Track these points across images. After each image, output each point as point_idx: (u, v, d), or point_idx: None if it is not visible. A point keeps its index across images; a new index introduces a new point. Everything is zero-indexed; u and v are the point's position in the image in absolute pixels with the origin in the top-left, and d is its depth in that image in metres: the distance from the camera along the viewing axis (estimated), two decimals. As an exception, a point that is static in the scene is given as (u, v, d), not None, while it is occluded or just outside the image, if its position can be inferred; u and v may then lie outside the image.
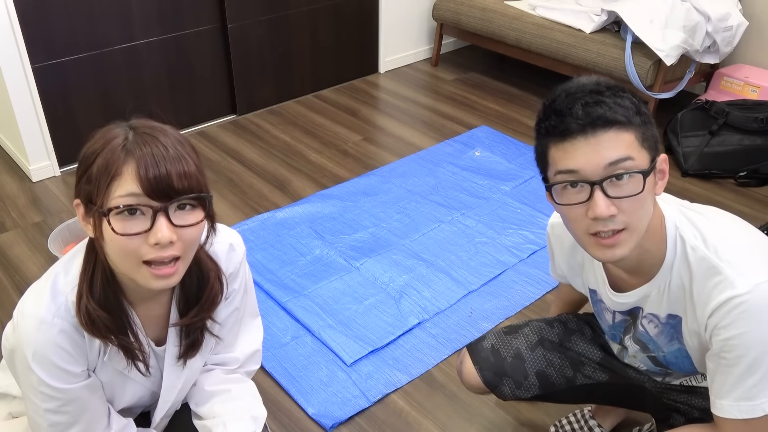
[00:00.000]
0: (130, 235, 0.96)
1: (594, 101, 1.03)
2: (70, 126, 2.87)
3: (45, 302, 1.03)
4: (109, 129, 1.00)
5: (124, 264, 0.99)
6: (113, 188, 0.95)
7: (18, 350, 1.04)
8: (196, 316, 1.15)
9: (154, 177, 0.95)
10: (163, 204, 0.96)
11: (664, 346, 1.27)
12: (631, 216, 1.05)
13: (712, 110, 2.86)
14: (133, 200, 0.95)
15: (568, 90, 1.06)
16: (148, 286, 1.00)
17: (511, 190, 2.76)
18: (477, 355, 1.51)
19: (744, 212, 2.63)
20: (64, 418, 1.09)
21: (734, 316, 1.05)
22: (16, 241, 2.49)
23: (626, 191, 1.03)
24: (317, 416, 1.80)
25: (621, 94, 1.05)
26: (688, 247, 1.12)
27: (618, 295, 1.25)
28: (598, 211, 1.02)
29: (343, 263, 2.35)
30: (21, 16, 2.58)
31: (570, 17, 3.26)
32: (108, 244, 0.98)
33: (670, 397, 1.41)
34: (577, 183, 1.05)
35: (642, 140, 1.04)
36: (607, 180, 1.02)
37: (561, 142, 1.05)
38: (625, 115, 1.03)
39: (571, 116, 1.03)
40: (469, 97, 3.60)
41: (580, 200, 1.05)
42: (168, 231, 0.96)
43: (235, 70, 3.27)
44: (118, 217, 0.96)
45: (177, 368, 1.20)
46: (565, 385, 1.48)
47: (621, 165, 1.02)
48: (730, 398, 1.09)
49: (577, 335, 1.51)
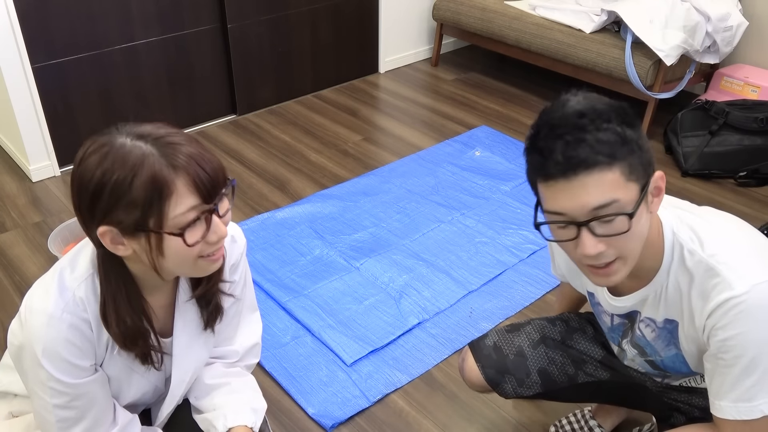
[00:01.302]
0: (197, 243, 1.00)
1: (575, 139, 0.99)
2: (70, 126, 2.87)
3: (53, 298, 1.04)
4: (112, 146, 0.95)
5: (179, 266, 1.03)
6: (170, 207, 0.96)
7: (27, 346, 1.04)
8: (209, 281, 1.17)
9: (206, 181, 0.98)
10: (215, 204, 1.01)
11: (661, 351, 1.27)
12: (622, 249, 1.05)
13: (712, 110, 2.86)
14: (197, 212, 0.98)
15: (552, 122, 1.02)
16: (203, 274, 1.08)
17: (511, 190, 2.76)
18: (479, 352, 1.51)
19: (744, 212, 2.63)
20: (73, 413, 1.10)
21: (732, 316, 1.05)
22: (16, 241, 2.49)
23: (613, 230, 1.03)
24: (317, 416, 1.80)
25: (605, 125, 0.99)
26: (686, 251, 1.12)
27: (615, 299, 1.26)
28: (585, 251, 1.04)
29: (343, 263, 2.35)
30: (21, 16, 2.58)
31: (570, 17, 3.26)
32: (169, 258, 1.01)
33: (670, 396, 1.42)
34: (565, 225, 1.05)
35: (629, 173, 1.01)
36: (593, 221, 1.02)
37: (545, 182, 1.04)
38: (608, 152, 0.98)
39: (552, 159, 1.00)
40: (469, 97, 3.60)
41: (569, 237, 1.06)
42: (223, 228, 1.02)
43: (235, 70, 3.27)
44: (189, 230, 0.98)
45: (187, 353, 1.21)
46: (567, 383, 1.49)
47: (606, 209, 1.01)
48: (728, 399, 1.09)
49: (579, 333, 1.52)
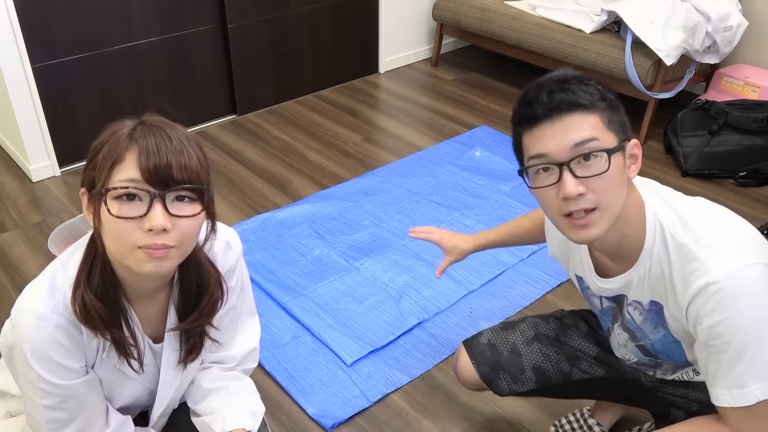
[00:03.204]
0: (126, 218, 0.97)
1: (560, 89, 1.09)
2: (70, 126, 2.88)
3: (43, 298, 1.04)
4: (120, 121, 1.03)
5: (118, 249, 0.99)
6: (114, 173, 0.97)
7: (17, 347, 1.04)
8: (195, 321, 1.15)
9: (154, 165, 0.97)
10: (160, 191, 0.97)
11: (650, 334, 1.28)
12: (601, 195, 1.08)
13: (712, 110, 2.86)
14: (131, 185, 0.97)
15: (538, 82, 1.12)
16: (140, 271, 1.00)
17: (511, 190, 2.76)
18: (474, 350, 1.53)
19: (744, 212, 2.63)
20: (63, 415, 1.09)
21: (714, 303, 1.06)
22: (16, 241, 2.49)
23: (593, 170, 1.07)
24: (317, 416, 1.80)
25: (587, 81, 1.10)
26: (667, 233, 1.14)
27: (603, 281, 1.27)
28: (566, 191, 1.07)
29: (343, 263, 2.35)
30: (21, 16, 2.58)
31: (570, 17, 3.26)
32: (105, 229, 0.99)
33: (666, 391, 1.42)
34: (548, 167, 1.09)
35: (608, 123, 1.09)
36: (574, 160, 1.07)
37: (531, 129, 1.11)
38: (589, 99, 1.08)
39: (537, 103, 1.09)
40: (469, 97, 3.60)
41: (551, 182, 1.10)
42: (162, 218, 0.97)
43: (235, 70, 3.27)
44: (116, 201, 0.97)
45: (174, 368, 1.20)
46: (562, 379, 1.50)
47: (586, 146, 1.07)
48: (722, 387, 1.10)
49: (573, 330, 1.53)
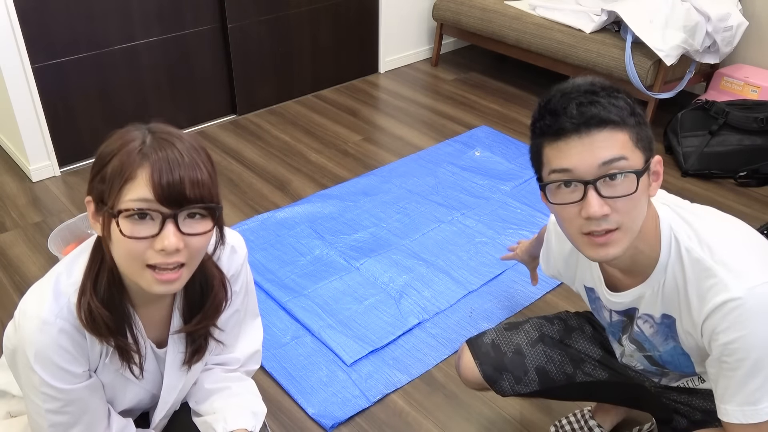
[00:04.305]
0: (138, 238, 0.96)
1: (589, 101, 1.03)
2: (70, 126, 2.87)
3: (47, 303, 1.03)
4: (128, 130, 1.00)
5: (128, 266, 1.00)
6: (126, 191, 0.96)
7: (20, 350, 1.04)
8: (200, 323, 1.15)
9: (167, 183, 0.95)
10: (173, 211, 0.96)
11: (660, 345, 1.27)
12: (625, 216, 1.05)
13: (712, 110, 2.86)
14: (144, 205, 0.95)
15: (564, 90, 1.06)
16: (150, 290, 1.01)
17: (511, 190, 2.76)
18: (477, 349, 1.51)
19: (744, 212, 2.63)
20: (65, 419, 1.09)
21: (731, 320, 1.04)
22: (16, 241, 2.49)
23: (620, 191, 1.03)
24: (317, 416, 1.80)
25: (616, 94, 1.05)
26: (683, 248, 1.12)
27: (614, 295, 1.26)
28: (591, 211, 1.03)
29: (343, 263, 2.35)
30: (21, 16, 2.58)
31: (570, 17, 3.26)
32: (114, 245, 0.99)
33: (669, 397, 1.41)
34: (570, 182, 1.05)
35: (636, 140, 1.05)
36: (600, 179, 1.03)
37: (555, 141, 1.05)
38: (619, 115, 1.03)
39: (565, 115, 1.03)
40: (469, 97, 3.60)
41: (573, 200, 1.05)
42: (175, 238, 0.96)
43: (235, 70, 3.27)
44: (128, 220, 0.96)
45: (178, 370, 1.20)
46: (565, 381, 1.49)
47: (615, 165, 1.02)
48: (733, 403, 1.09)
49: (578, 333, 1.52)
